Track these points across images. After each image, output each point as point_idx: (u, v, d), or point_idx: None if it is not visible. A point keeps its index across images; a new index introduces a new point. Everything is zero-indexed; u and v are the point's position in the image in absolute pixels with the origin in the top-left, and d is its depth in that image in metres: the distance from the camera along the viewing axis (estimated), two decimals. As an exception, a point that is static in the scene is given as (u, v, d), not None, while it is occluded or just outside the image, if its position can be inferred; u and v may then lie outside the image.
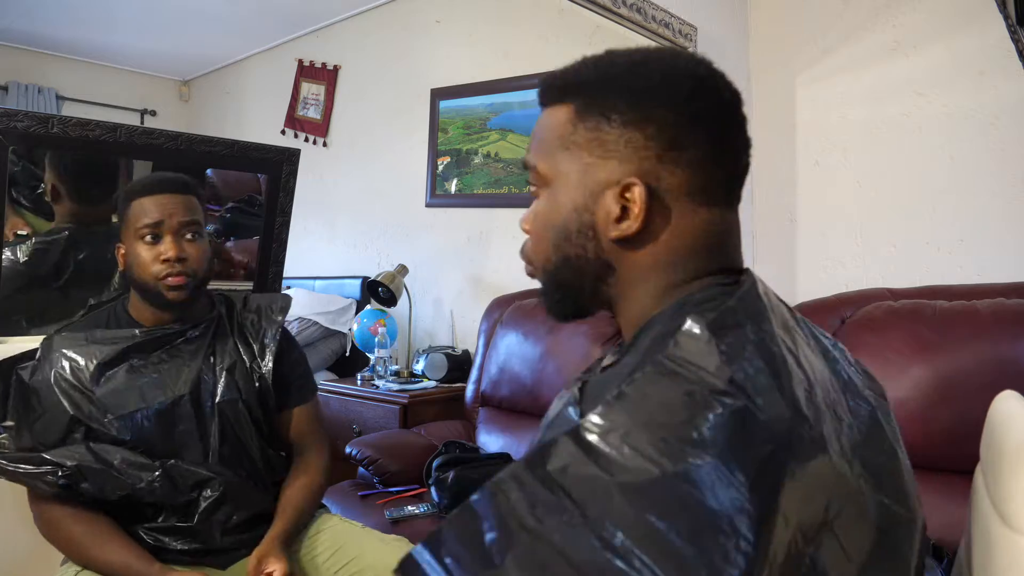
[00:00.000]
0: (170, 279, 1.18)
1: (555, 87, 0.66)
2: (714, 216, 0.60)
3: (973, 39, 1.85)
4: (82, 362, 1.17)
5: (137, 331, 1.22)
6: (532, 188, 0.66)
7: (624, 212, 0.59)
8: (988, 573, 0.61)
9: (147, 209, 1.18)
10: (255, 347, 1.29)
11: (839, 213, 2.10)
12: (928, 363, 1.47)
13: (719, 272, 0.61)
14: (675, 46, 0.67)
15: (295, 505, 1.25)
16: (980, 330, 1.45)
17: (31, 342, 1.27)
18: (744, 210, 2.42)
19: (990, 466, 0.70)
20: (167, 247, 1.18)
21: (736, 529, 0.44)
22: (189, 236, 1.21)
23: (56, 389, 1.14)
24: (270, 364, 1.28)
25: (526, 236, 0.68)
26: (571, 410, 0.54)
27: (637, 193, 0.58)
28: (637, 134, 0.58)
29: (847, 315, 1.66)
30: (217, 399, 1.22)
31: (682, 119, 0.58)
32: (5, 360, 1.20)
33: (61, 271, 1.56)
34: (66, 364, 1.16)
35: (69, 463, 1.10)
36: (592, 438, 0.47)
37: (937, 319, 1.52)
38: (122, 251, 1.22)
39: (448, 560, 0.46)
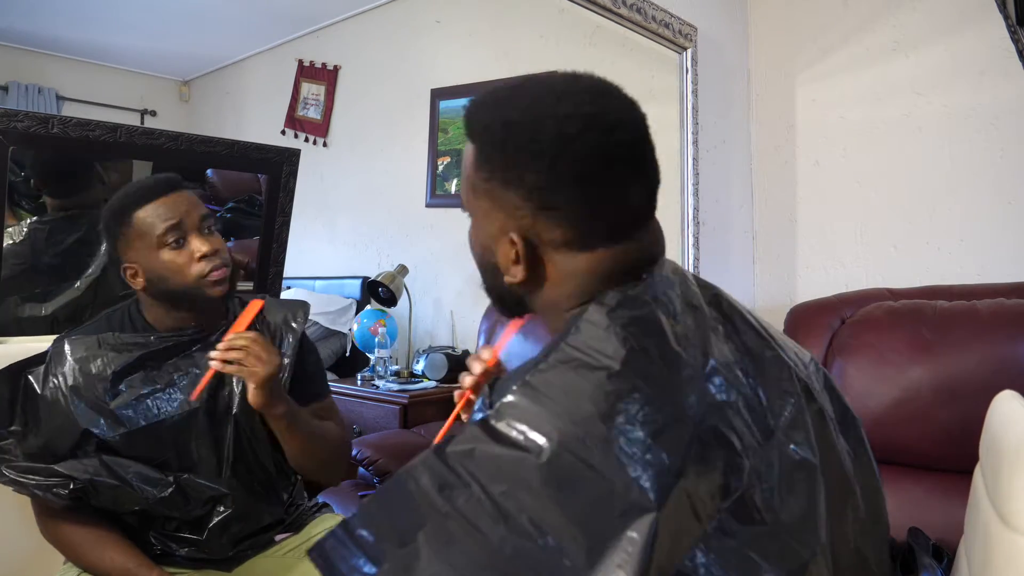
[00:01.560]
0: (214, 274, 1.12)
1: (465, 121, 0.72)
2: (597, 257, 0.63)
3: (973, 39, 1.85)
4: (95, 370, 1.11)
5: (152, 337, 1.16)
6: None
7: (516, 256, 0.64)
8: (988, 573, 0.61)
9: (159, 214, 1.10)
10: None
11: (839, 213, 2.10)
12: (928, 363, 1.46)
13: (627, 274, 0.64)
14: (567, 74, 0.69)
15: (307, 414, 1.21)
16: (980, 330, 1.45)
17: (33, 342, 1.27)
18: (744, 210, 2.42)
19: (990, 466, 0.70)
20: (199, 244, 1.11)
21: (632, 500, 0.46)
22: (207, 229, 1.14)
23: (68, 400, 1.09)
24: (287, 373, 1.23)
25: None
26: (480, 404, 0.58)
27: (519, 248, 0.64)
28: (512, 194, 0.64)
29: (847, 315, 1.65)
30: (234, 410, 1.17)
31: (550, 181, 0.62)
32: (13, 365, 1.15)
33: (53, 255, 1.56)
34: (79, 372, 1.11)
35: (81, 477, 1.06)
36: (497, 425, 0.51)
37: (937, 319, 1.52)
38: (135, 271, 1.13)
39: (362, 537, 0.49)
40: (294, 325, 1.29)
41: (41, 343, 1.23)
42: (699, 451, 0.50)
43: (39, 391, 1.11)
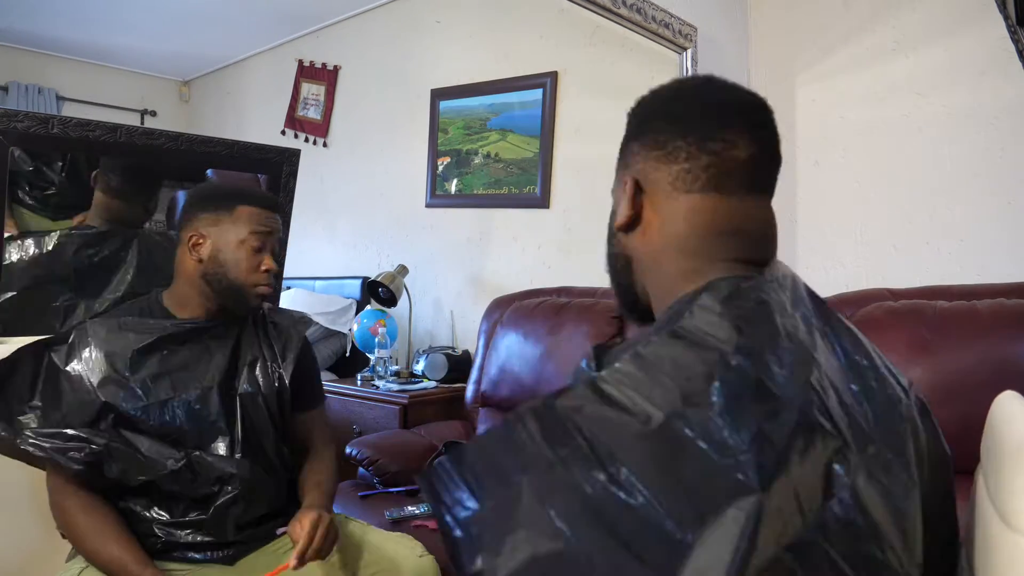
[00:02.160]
0: (263, 288, 1.27)
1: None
2: (695, 201, 0.66)
3: (973, 39, 1.85)
4: (117, 348, 1.19)
5: (170, 323, 1.25)
6: None
7: (627, 203, 0.70)
8: (988, 573, 0.61)
9: (260, 220, 1.27)
10: (277, 348, 1.33)
11: (839, 213, 2.10)
12: (928, 363, 1.46)
13: (737, 260, 0.65)
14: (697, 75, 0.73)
15: (318, 480, 1.32)
16: (980, 330, 1.45)
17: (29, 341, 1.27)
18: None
19: (990, 466, 0.70)
20: (269, 262, 1.27)
21: (736, 480, 0.47)
22: (276, 254, 1.31)
23: (90, 374, 1.17)
24: (290, 367, 1.32)
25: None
26: (585, 366, 0.59)
27: (630, 186, 0.69)
28: (636, 144, 0.71)
29: (847, 315, 1.65)
30: (239, 391, 1.26)
31: (663, 123, 0.69)
32: (37, 342, 1.21)
33: (75, 268, 1.56)
34: (100, 349, 1.19)
35: (98, 441, 1.12)
36: (606, 387, 0.52)
37: (937, 319, 1.52)
38: (200, 242, 1.25)
39: (468, 474, 0.50)
40: (300, 329, 1.38)
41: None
42: (805, 443, 0.50)
43: (62, 367, 1.18)
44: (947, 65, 1.90)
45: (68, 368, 1.17)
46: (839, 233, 2.10)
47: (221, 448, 1.22)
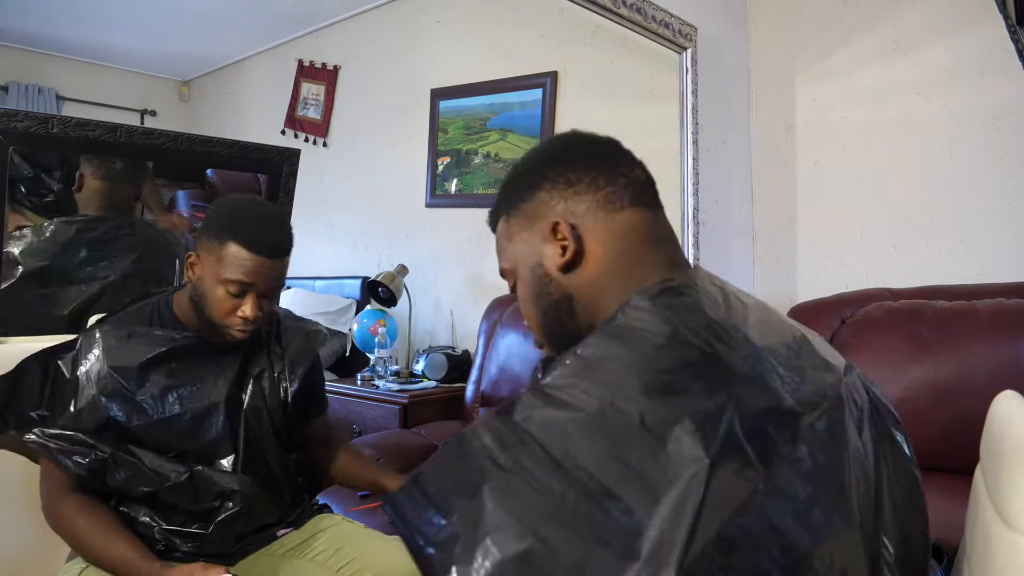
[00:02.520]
0: (238, 332, 1.17)
1: (491, 219, 0.83)
2: (629, 216, 0.72)
3: (973, 39, 1.85)
4: (124, 361, 1.16)
5: (178, 335, 1.20)
6: (511, 288, 0.81)
7: (563, 248, 0.72)
8: (988, 573, 0.61)
9: (243, 264, 1.13)
10: (287, 360, 1.30)
11: (839, 213, 2.10)
12: (928, 363, 1.47)
13: (666, 266, 0.71)
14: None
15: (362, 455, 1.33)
16: (980, 330, 1.45)
17: (33, 342, 1.27)
18: (744, 210, 2.41)
19: (990, 466, 0.70)
20: (248, 308, 1.15)
21: (683, 452, 0.49)
22: (270, 296, 1.19)
23: (95, 386, 1.14)
24: (296, 384, 1.29)
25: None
26: (532, 377, 0.65)
27: (563, 228, 0.71)
28: (542, 193, 0.74)
29: (847, 315, 1.66)
30: (245, 406, 1.23)
31: (564, 165, 0.73)
32: (44, 351, 1.19)
33: (74, 255, 1.57)
34: (107, 361, 1.15)
35: (105, 449, 1.11)
36: (551, 391, 0.55)
37: (937, 319, 1.52)
38: (194, 262, 1.18)
39: (431, 493, 0.53)
40: (313, 345, 1.35)
41: (42, 343, 1.24)
42: (747, 424, 0.53)
43: (67, 376, 1.16)
44: (947, 65, 1.90)
45: (74, 377, 1.15)
46: (839, 233, 2.10)
47: (225, 464, 1.20)
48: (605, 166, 0.73)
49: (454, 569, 0.49)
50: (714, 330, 0.59)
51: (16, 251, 1.50)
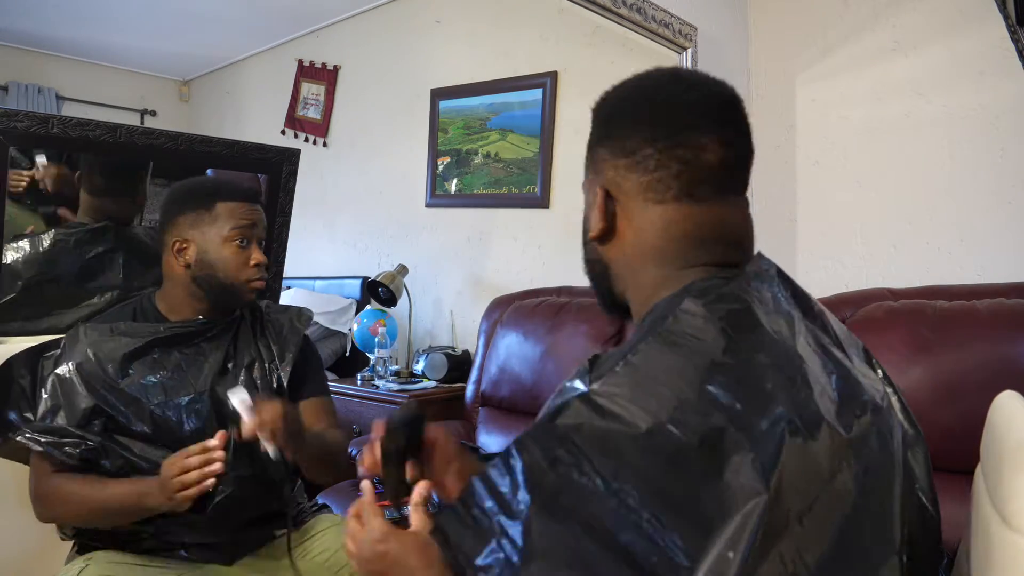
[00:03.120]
0: (256, 283, 1.24)
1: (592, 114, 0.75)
2: (669, 211, 0.65)
3: (973, 39, 1.85)
4: (107, 353, 1.17)
5: (162, 327, 1.23)
6: None
7: (599, 212, 0.68)
8: (988, 573, 0.61)
9: (241, 214, 1.23)
10: (275, 349, 1.31)
11: (839, 213, 2.10)
12: (928, 363, 1.46)
13: (715, 264, 0.66)
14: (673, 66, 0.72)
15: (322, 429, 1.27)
16: (980, 330, 1.45)
17: (33, 342, 1.27)
18: (744, 210, 2.34)
19: (990, 466, 0.70)
20: (258, 254, 1.24)
21: (741, 483, 0.47)
22: (262, 245, 1.27)
23: (79, 378, 1.15)
24: (288, 368, 1.30)
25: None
26: (578, 381, 0.58)
27: (601, 197, 0.67)
28: (604, 151, 0.68)
29: (847, 315, 1.65)
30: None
31: (628, 128, 0.67)
32: (31, 349, 1.20)
33: (74, 266, 1.57)
34: (91, 354, 1.17)
35: (93, 438, 1.11)
36: (601, 401, 0.52)
37: (937, 319, 1.52)
38: (184, 247, 1.23)
39: (476, 512, 0.51)
40: (298, 326, 1.35)
41: (36, 342, 1.24)
42: (798, 443, 0.51)
43: (53, 373, 1.17)
44: (947, 65, 1.90)
45: (58, 372, 1.16)
46: (839, 233, 2.10)
47: None
48: (668, 142, 0.64)
49: None
50: (767, 342, 0.56)
51: (16, 263, 1.49)
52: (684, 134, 0.65)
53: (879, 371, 0.69)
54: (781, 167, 2.20)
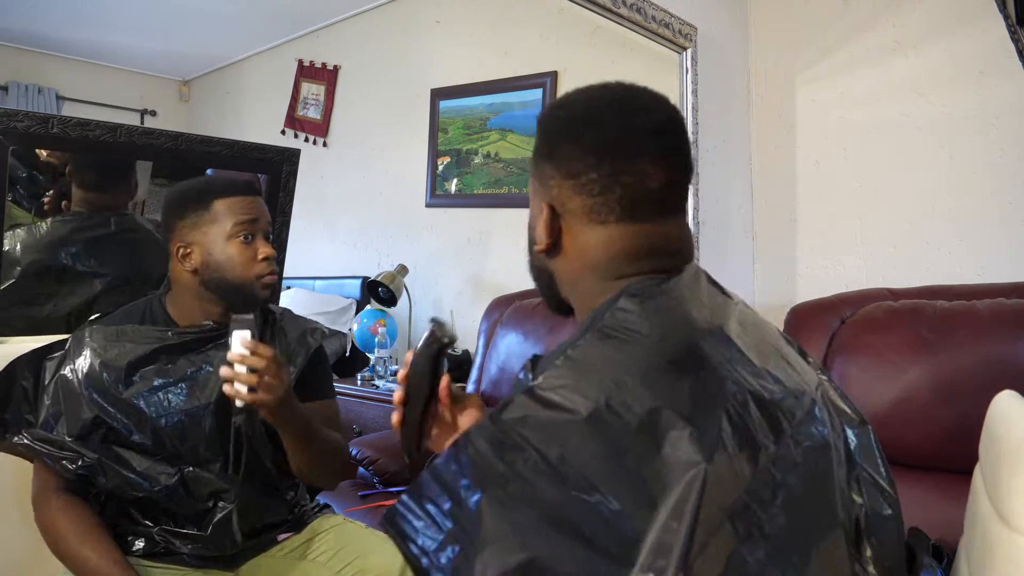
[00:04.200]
0: (267, 278, 1.19)
1: (536, 124, 0.78)
2: (610, 232, 0.68)
3: (973, 39, 1.85)
4: (111, 359, 1.13)
5: (170, 332, 1.19)
6: None
7: (544, 227, 0.71)
8: (988, 573, 0.61)
9: (240, 209, 1.18)
10: (283, 356, 1.25)
11: (839, 213, 2.10)
12: (928, 363, 1.46)
13: (650, 272, 0.69)
14: (620, 84, 0.75)
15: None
16: (980, 330, 1.45)
17: (33, 342, 1.27)
18: (744, 210, 2.41)
19: (989, 466, 0.70)
20: (264, 248, 1.19)
21: (679, 456, 0.49)
22: (268, 237, 1.23)
23: (81, 385, 1.12)
24: (293, 381, 1.23)
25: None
26: (523, 375, 0.63)
27: (545, 214, 0.70)
28: (549, 167, 0.71)
29: (847, 315, 1.65)
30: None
31: (574, 152, 0.69)
32: (35, 351, 1.17)
33: (71, 252, 1.57)
34: (95, 360, 1.13)
35: (90, 455, 1.08)
36: (544, 393, 0.55)
37: (937, 319, 1.52)
38: (188, 251, 1.18)
39: (428, 505, 0.52)
40: (309, 341, 1.31)
41: (39, 343, 1.24)
42: (736, 422, 0.53)
43: (55, 378, 1.14)
44: (947, 65, 1.90)
45: (61, 378, 1.13)
46: (839, 233, 2.10)
47: (216, 465, 1.17)
48: (611, 168, 0.67)
49: None
50: (699, 331, 0.60)
51: (14, 250, 1.50)
52: (628, 162, 0.68)
53: (809, 360, 0.73)
54: (781, 167, 2.20)
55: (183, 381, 1.16)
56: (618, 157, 0.68)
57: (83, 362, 1.13)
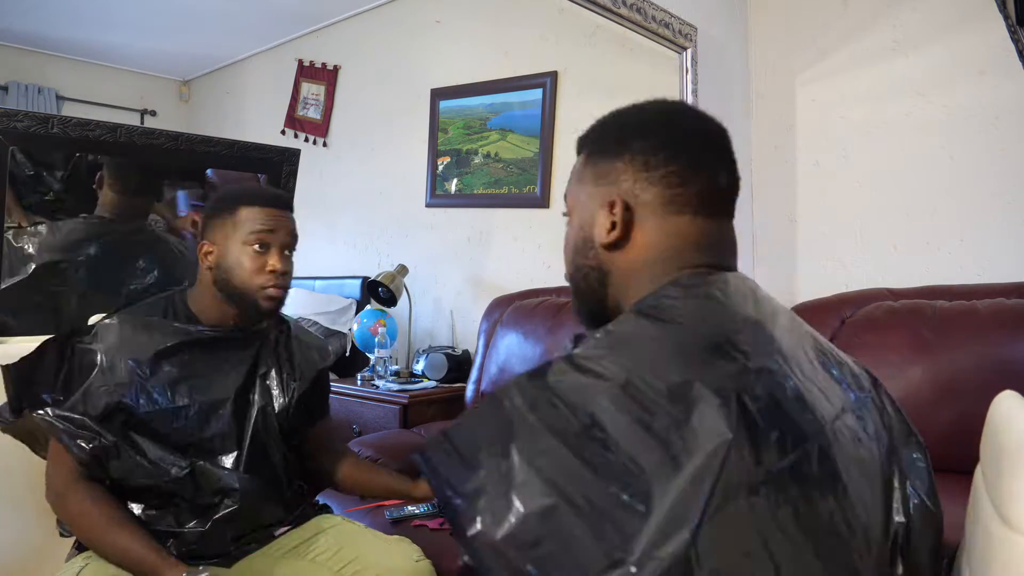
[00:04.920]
0: (271, 290, 1.23)
1: (579, 141, 0.81)
2: (684, 223, 0.71)
3: (973, 39, 1.85)
4: (139, 347, 1.17)
5: (195, 328, 1.23)
6: (565, 217, 0.83)
7: (613, 225, 0.72)
8: (988, 573, 0.61)
9: (261, 218, 1.22)
10: (296, 363, 1.32)
11: (839, 213, 2.10)
12: (928, 363, 1.47)
13: (705, 265, 0.71)
14: (667, 99, 0.81)
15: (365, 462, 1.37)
16: (980, 330, 1.45)
17: (33, 342, 1.27)
18: (744, 210, 2.41)
19: (990, 466, 0.70)
20: (274, 260, 1.22)
21: (707, 426, 0.51)
22: (287, 253, 1.26)
23: (108, 370, 1.14)
24: (306, 386, 1.31)
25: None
26: (567, 346, 0.64)
27: (619, 207, 0.72)
28: (619, 163, 0.73)
29: (847, 315, 1.66)
30: (253, 405, 1.25)
31: (651, 146, 0.72)
32: (64, 335, 1.19)
33: (88, 258, 1.57)
34: (124, 347, 1.16)
35: (109, 437, 1.11)
36: (581, 360, 0.57)
37: (937, 319, 1.52)
38: (210, 250, 1.23)
39: (462, 447, 0.55)
40: (317, 359, 1.37)
41: (36, 342, 1.24)
42: (767, 404, 0.54)
43: (83, 360, 1.16)
44: (947, 65, 1.90)
45: (89, 360, 1.16)
46: (839, 233, 2.10)
47: (228, 461, 1.20)
48: (689, 164, 0.71)
49: (479, 520, 0.51)
50: (739, 320, 0.62)
51: (30, 247, 1.50)
52: (704, 157, 0.73)
53: (862, 374, 0.73)
54: (781, 167, 2.20)
55: (205, 376, 1.21)
56: (694, 151, 0.72)
57: (111, 348, 1.16)
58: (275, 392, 1.27)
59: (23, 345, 1.28)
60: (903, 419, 0.72)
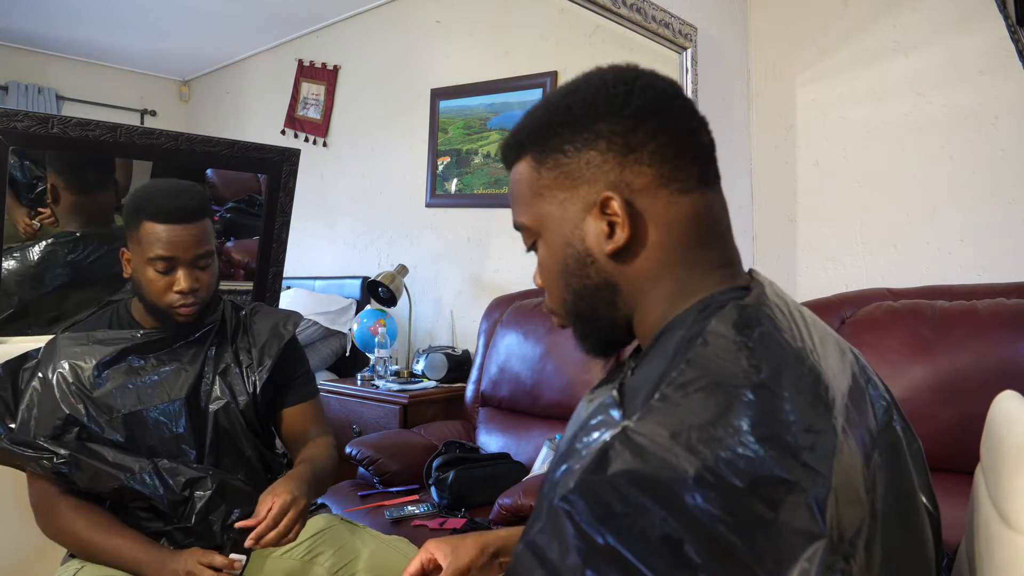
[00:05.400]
0: (182, 308, 1.18)
1: (510, 147, 0.66)
2: (695, 200, 0.60)
3: (973, 39, 1.85)
4: (82, 362, 1.18)
5: (138, 333, 1.22)
6: (528, 246, 0.68)
7: (611, 227, 0.60)
8: (988, 573, 0.61)
9: (160, 239, 1.14)
10: (254, 354, 1.29)
11: (839, 213, 2.10)
12: (928, 363, 1.46)
13: (724, 265, 0.62)
14: (620, 65, 0.64)
15: (309, 455, 1.23)
16: (980, 330, 1.45)
17: (33, 342, 1.27)
18: (744, 210, 2.41)
19: (990, 466, 0.70)
20: (181, 280, 1.16)
21: (798, 526, 0.45)
22: (201, 265, 1.19)
23: (54, 388, 1.16)
24: (266, 374, 1.27)
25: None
26: (614, 412, 0.52)
27: (615, 205, 0.59)
28: (592, 153, 0.60)
29: (847, 315, 1.65)
30: (211, 405, 1.23)
31: (626, 122, 0.59)
32: (11, 360, 1.21)
33: (68, 273, 1.57)
34: (66, 363, 1.17)
35: (63, 452, 1.11)
36: (642, 441, 0.48)
37: (937, 319, 1.52)
38: (128, 257, 1.20)
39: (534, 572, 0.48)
40: (282, 332, 1.32)
41: (37, 342, 1.25)
42: (844, 466, 0.49)
43: (31, 382, 1.18)
44: (947, 65, 1.90)
45: (36, 382, 1.17)
46: (839, 233, 2.10)
47: (190, 459, 1.21)
48: (675, 128, 0.60)
49: None
50: (799, 370, 0.52)
51: (9, 281, 1.48)
52: (684, 118, 0.61)
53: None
54: (781, 167, 2.20)
55: (153, 378, 1.20)
56: (673, 114, 0.60)
57: (55, 366, 1.18)
58: (235, 387, 1.25)
59: (23, 345, 1.29)
60: (902, 415, 0.70)
